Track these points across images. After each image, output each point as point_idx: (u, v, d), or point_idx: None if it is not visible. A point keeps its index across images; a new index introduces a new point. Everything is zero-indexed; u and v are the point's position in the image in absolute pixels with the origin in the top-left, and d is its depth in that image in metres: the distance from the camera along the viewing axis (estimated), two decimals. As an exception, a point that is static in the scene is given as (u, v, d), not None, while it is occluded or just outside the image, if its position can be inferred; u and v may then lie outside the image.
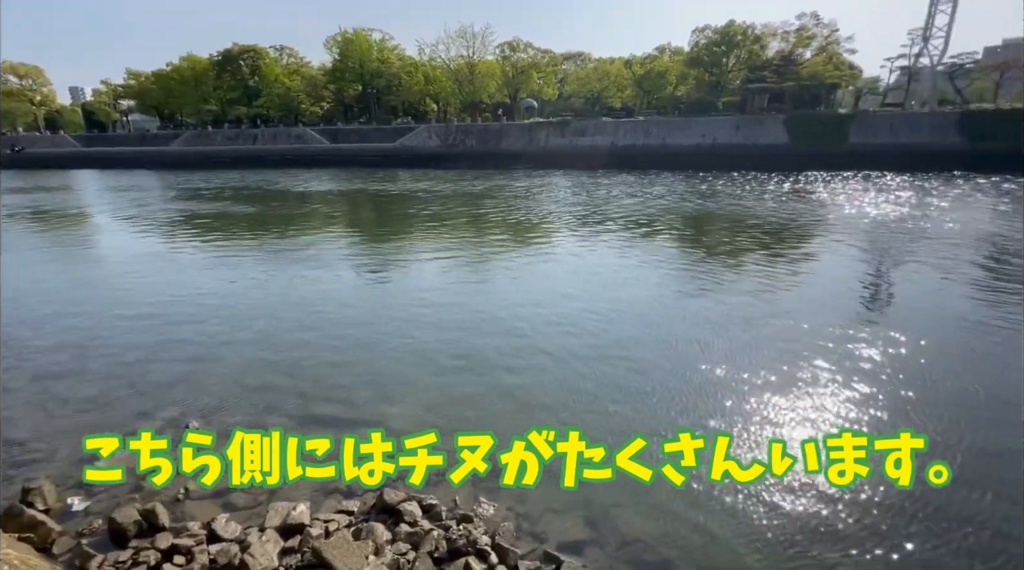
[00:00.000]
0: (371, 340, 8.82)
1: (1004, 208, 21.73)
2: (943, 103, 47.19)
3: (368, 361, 8.01)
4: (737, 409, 6.41)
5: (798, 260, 14.52)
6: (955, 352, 8.00)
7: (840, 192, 28.09)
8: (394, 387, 7.16)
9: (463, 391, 7.02)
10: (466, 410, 6.54)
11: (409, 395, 6.92)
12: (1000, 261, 13.61)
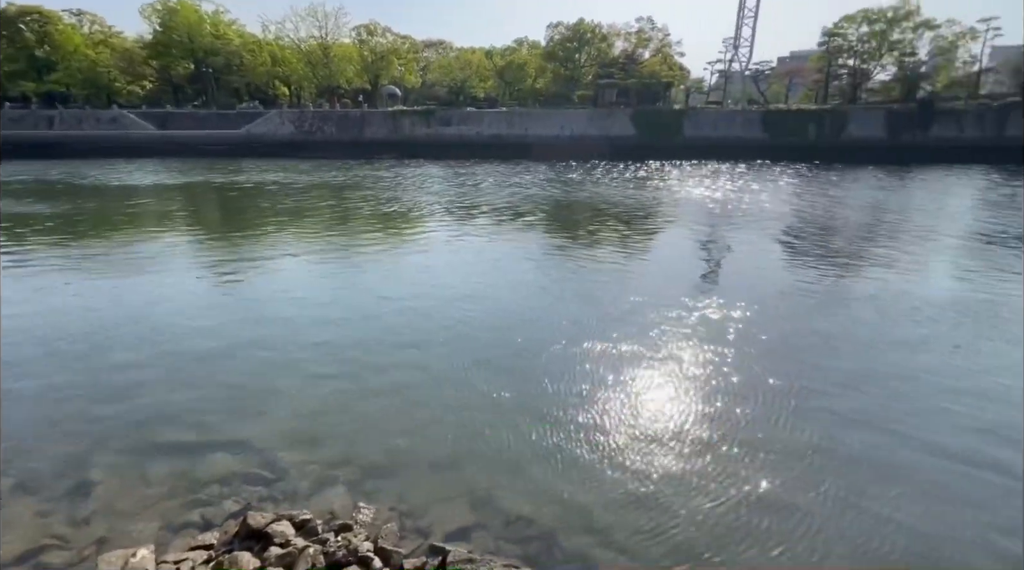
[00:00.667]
0: (226, 352, 7.86)
1: (798, 189, 26.59)
2: (751, 102, 55.88)
3: (223, 376, 7.14)
4: (619, 381, 6.98)
5: (650, 238, 16.26)
6: (780, 309, 9.61)
7: (679, 178, 31.91)
8: (254, 402, 6.48)
9: (334, 400, 6.60)
10: (340, 420, 6.18)
11: (273, 409, 6.32)
12: (799, 233, 16.65)
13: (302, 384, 6.88)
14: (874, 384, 6.87)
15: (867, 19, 52.77)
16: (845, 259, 13.73)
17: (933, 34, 51.62)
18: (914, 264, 13.09)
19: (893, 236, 16.19)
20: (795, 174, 33.87)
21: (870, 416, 6.13)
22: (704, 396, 6.54)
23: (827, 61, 56.14)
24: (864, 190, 26.83)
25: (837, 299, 10.51)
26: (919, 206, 22.13)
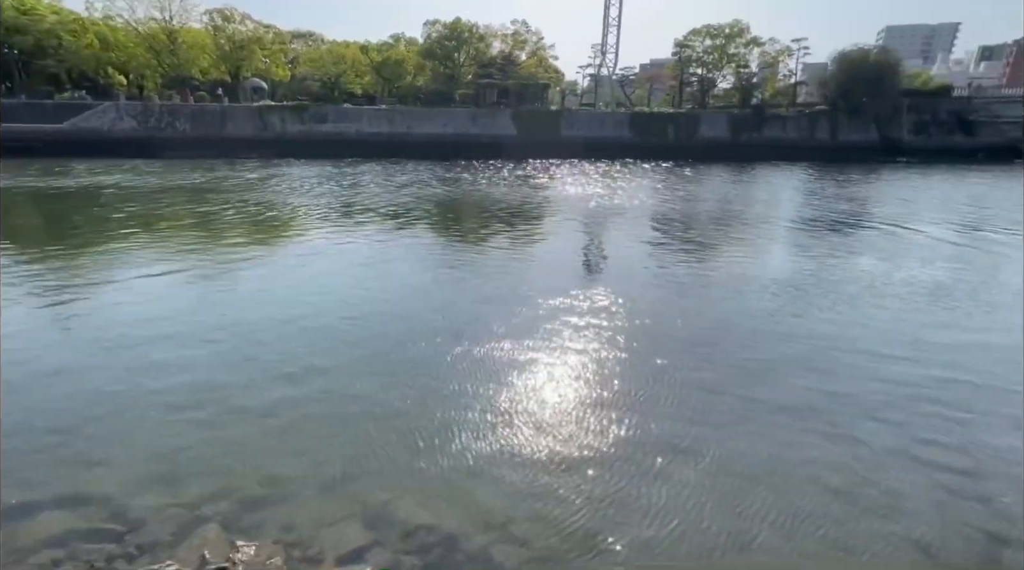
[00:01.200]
0: (65, 392, 6.62)
1: (662, 185, 29.37)
2: (619, 105, 60.45)
3: (54, 419, 6.00)
4: (516, 375, 7.08)
5: (537, 234, 16.85)
6: (655, 293, 10.48)
7: (559, 176, 33.49)
8: (96, 447, 5.55)
9: (200, 432, 5.87)
10: (208, 453, 5.52)
11: (121, 452, 5.45)
12: (665, 224, 18.38)
13: (159, 419, 6.02)
14: (735, 350, 7.84)
15: (709, 34, 59.81)
16: (704, 246, 15.49)
17: (760, 50, 60.08)
18: (759, 248, 15.19)
19: (741, 224, 18.61)
20: (659, 171, 37.40)
21: (736, 381, 6.97)
22: (595, 379, 6.94)
23: (680, 69, 62.61)
24: (715, 184, 30.49)
25: (701, 281, 11.80)
26: (758, 197, 25.70)
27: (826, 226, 18.53)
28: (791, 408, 6.40)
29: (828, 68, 56.24)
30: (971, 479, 5.13)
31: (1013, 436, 5.87)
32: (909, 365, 7.60)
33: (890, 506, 4.77)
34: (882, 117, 51.47)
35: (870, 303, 10.30)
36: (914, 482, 5.10)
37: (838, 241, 16.37)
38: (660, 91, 72.83)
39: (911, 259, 13.92)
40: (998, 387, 6.99)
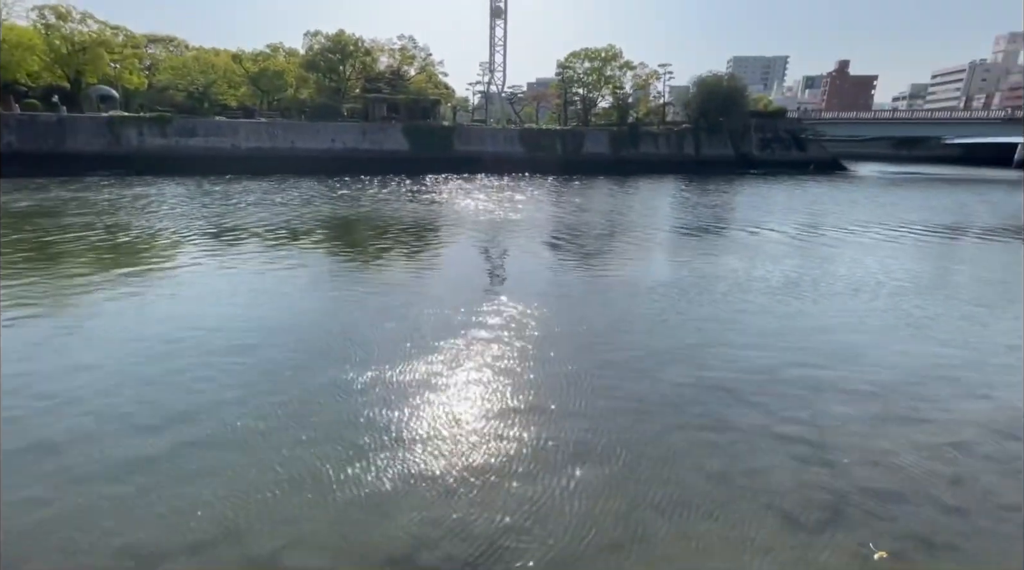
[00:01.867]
0: None
1: (552, 198, 30.74)
2: (509, 122, 62.46)
3: None
4: (429, 394, 6.84)
5: (436, 250, 16.69)
6: (556, 301, 10.81)
7: (454, 191, 33.62)
8: None
9: (34, 517, 4.95)
10: (39, 546, 4.65)
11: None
12: (559, 236, 19.20)
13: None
14: (631, 352, 8.35)
15: (588, 57, 64.21)
16: (596, 254, 16.45)
17: (632, 73, 65.79)
18: (644, 254, 16.47)
19: (627, 233, 20.06)
20: (549, 184, 39.14)
21: (633, 382, 7.41)
22: (505, 393, 6.99)
23: (563, 89, 66.37)
24: (601, 196, 32.60)
25: (596, 287, 12.51)
26: (639, 208, 27.91)
27: (697, 231, 20.67)
28: (677, 403, 6.97)
29: (690, 91, 63.24)
30: (818, 448, 5.96)
31: (849, 406, 6.93)
32: (770, 352, 8.68)
33: (758, 482, 5.37)
34: (735, 134, 58.88)
35: (739, 298, 11.63)
36: (775, 457, 5.80)
37: (708, 244, 18.35)
38: (547, 109, 76.53)
39: (766, 257, 16.00)
40: (837, 365, 8.23)
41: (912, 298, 11.99)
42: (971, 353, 8.90)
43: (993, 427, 6.50)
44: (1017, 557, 4.45)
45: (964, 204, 32.50)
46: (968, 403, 7.14)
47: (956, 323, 10.43)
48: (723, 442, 6.07)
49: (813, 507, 5.00)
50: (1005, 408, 7.00)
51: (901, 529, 4.72)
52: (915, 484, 5.36)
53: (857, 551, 4.47)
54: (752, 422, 6.50)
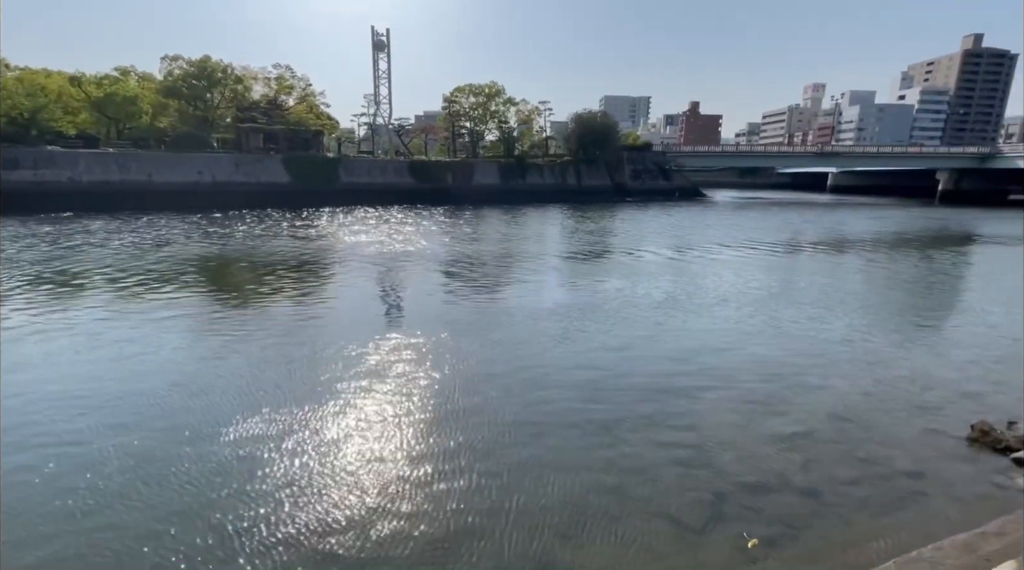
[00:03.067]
0: None
1: (446, 228, 30.82)
2: (398, 153, 62.06)
3: None
4: (335, 443, 6.20)
5: (327, 288, 15.67)
6: (458, 337, 10.61)
7: (342, 224, 32.29)
8: None
9: None
10: None
11: None
12: (454, 265, 19.16)
13: None
14: (532, 378, 8.44)
15: (472, 92, 66.51)
16: (493, 282, 16.64)
17: (516, 108, 69.33)
18: (539, 279, 17.00)
19: (521, 260, 20.64)
20: (441, 215, 39.28)
21: (535, 409, 7.46)
22: (414, 434, 6.63)
23: (451, 122, 67.79)
24: (493, 226, 33.40)
25: (496, 315, 12.57)
26: (529, 236, 29.00)
27: (585, 256, 21.96)
28: (575, 423, 7.16)
29: (569, 126, 68.07)
30: (698, 451, 6.47)
31: (721, 408, 7.65)
32: (654, 363, 9.35)
33: (649, 490, 5.66)
34: (611, 166, 64.28)
35: (626, 315, 12.45)
36: (663, 465, 6.17)
37: (596, 268, 19.54)
38: (435, 141, 77.39)
39: (646, 277, 17.41)
40: (710, 370, 9.09)
41: (768, 305, 13.78)
42: (815, 349, 10.39)
43: (833, 413, 7.57)
44: (858, 525, 5.15)
45: (793, 222, 38.51)
46: (813, 394, 8.26)
47: (803, 324, 12.14)
48: (616, 456, 6.33)
49: (698, 508, 5.37)
50: (842, 395, 8.21)
51: (768, 516, 5.24)
52: (776, 473, 6.02)
53: (736, 543, 4.86)
54: (642, 434, 6.89)
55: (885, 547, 4.77)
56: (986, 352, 10.46)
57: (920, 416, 7.55)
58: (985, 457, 6.43)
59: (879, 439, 6.85)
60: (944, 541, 4.77)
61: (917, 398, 8.16)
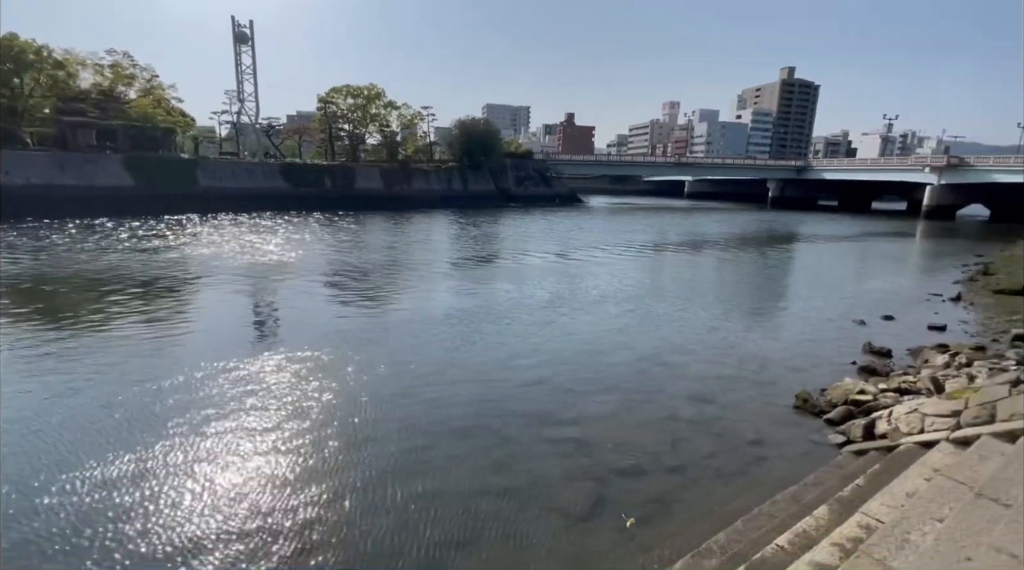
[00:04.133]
0: None
1: (328, 236, 29.09)
2: (268, 155, 57.25)
3: None
4: (208, 478, 5.38)
5: (190, 306, 13.82)
6: (344, 351, 9.97)
7: (204, 233, 28.89)
8: None
9: None
10: None
11: None
12: (338, 274, 18.13)
13: None
14: (425, 391, 8.27)
15: (350, 93, 63.67)
16: (382, 291, 16.05)
17: (398, 113, 67.79)
18: (429, 287, 16.74)
19: (409, 268, 20.19)
20: (321, 221, 37.03)
21: (432, 421, 7.32)
22: (302, 465, 6.09)
23: (327, 124, 64.19)
24: (378, 232, 32.30)
25: (386, 326, 12.10)
26: (417, 242, 28.55)
27: (474, 261, 22.17)
28: (465, 429, 7.21)
29: (453, 132, 68.31)
30: (581, 444, 6.90)
31: (601, 400, 8.24)
32: (541, 363, 9.75)
33: (537, 488, 5.91)
34: (496, 172, 65.75)
35: (515, 318, 12.80)
36: (549, 460, 6.48)
37: (485, 272, 19.82)
38: (310, 143, 72.74)
39: (533, 279, 18.09)
40: (592, 364, 9.73)
41: (641, 301, 15.11)
42: (679, 339, 11.61)
43: (694, 395, 8.55)
44: (715, 492, 5.89)
45: (658, 225, 42.74)
46: (678, 380, 9.25)
47: (670, 317, 13.50)
48: (506, 457, 6.51)
49: (582, 497, 5.72)
50: (700, 378, 9.30)
51: (643, 496, 5.77)
52: (650, 455, 6.64)
53: (617, 525, 5.28)
54: (529, 432, 7.16)
55: (736, 508, 5.50)
56: (807, 332, 12.57)
57: (759, 391, 8.84)
58: (806, 420, 7.73)
59: (729, 414, 7.90)
60: (778, 495, 5.64)
61: (756, 376, 9.54)
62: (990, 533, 3.60)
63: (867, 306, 15.13)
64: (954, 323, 13.35)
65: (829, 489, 5.55)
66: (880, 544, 3.85)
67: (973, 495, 4.20)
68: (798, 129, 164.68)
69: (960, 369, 9.17)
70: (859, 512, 4.59)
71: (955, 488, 4.56)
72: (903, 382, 8.50)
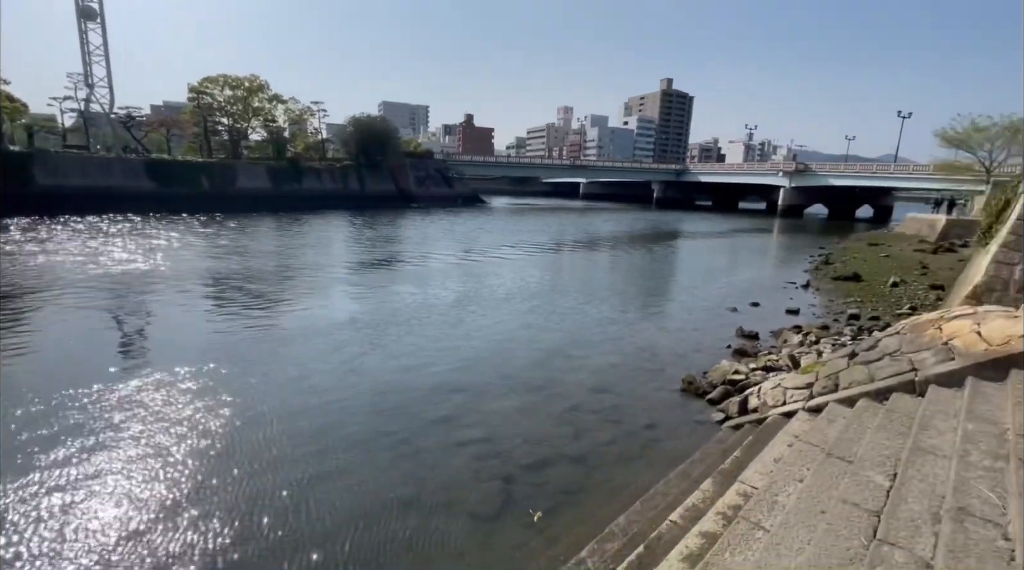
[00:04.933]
0: None
1: (206, 241, 26.22)
2: (128, 150, 50.22)
3: None
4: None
5: (14, 329, 11.51)
6: (231, 366, 8.91)
7: (45, 239, 24.54)
8: None
9: None
10: None
11: None
12: (222, 283, 16.34)
13: None
14: (323, 391, 7.69)
15: (228, 84, 58.05)
16: (271, 300, 14.73)
17: (285, 107, 63.09)
18: (326, 294, 15.70)
19: (303, 274, 18.81)
20: (198, 225, 33.33)
21: (330, 439, 6.81)
22: (186, 470, 5.29)
23: (202, 117, 57.94)
24: (265, 236, 29.81)
25: (276, 338, 11.08)
26: (311, 246, 26.76)
27: (375, 264, 21.29)
28: (366, 440, 6.86)
29: (347, 129, 65.11)
30: (489, 443, 6.90)
31: (507, 398, 8.31)
32: (448, 365, 9.60)
33: (446, 493, 5.80)
34: (395, 172, 63.89)
35: (420, 321, 12.47)
36: (458, 464, 6.40)
37: (386, 276, 19.11)
38: (182, 138, 65.21)
39: (438, 280, 17.81)
40: (499, 364, 9.78)
41: (544, 297, 15.54)
42: (579, 333, 12.11)
43: (593, 386, 8.95)
44: (616, 477, 6.20)
45: (556, 225, 44.43)
46: (579, 372, 9.63)
47: (570, 312, 14.02)
48: (413, 466, 6.31)
49: (491, 497, 5.72)
50: (599, 370, 9.76)
51: (550, 489, 5.91)
52: (555, 447, 6.83)
53: (525, 521, 5.34)
54: (437, 437, 7.01)
55: (634, 490, 5.84)
56: (690, 320, 13.79)
57: (651, 377, 9.51)
58: (692, 402, 8.46)
59: (626, 402, 8.39)
60: (670, 474, 6.09)
61: (648, 364, 10.26)
62: (837, 487, 4.18)
63: (738, 294, 16.98)
64: (805, 307, 15.45)
65: (713, 463, 6.10)
66: (755, 508, 4.29)
67: (824, 455, 4.85)
68: (677, 136, 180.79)
69: (811, 346, 10.63)
70: (738, 481, 5.09)
71: (811, 451, 5.24)
72: (768, 361, 9.64)
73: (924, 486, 3.85)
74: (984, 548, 2.99)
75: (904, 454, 4.42)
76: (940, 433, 4.68)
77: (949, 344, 6.34)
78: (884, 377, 6.33)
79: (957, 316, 7.16)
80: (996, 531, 3.14)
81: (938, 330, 6.90)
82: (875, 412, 5.70)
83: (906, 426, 5.08)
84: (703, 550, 4.01)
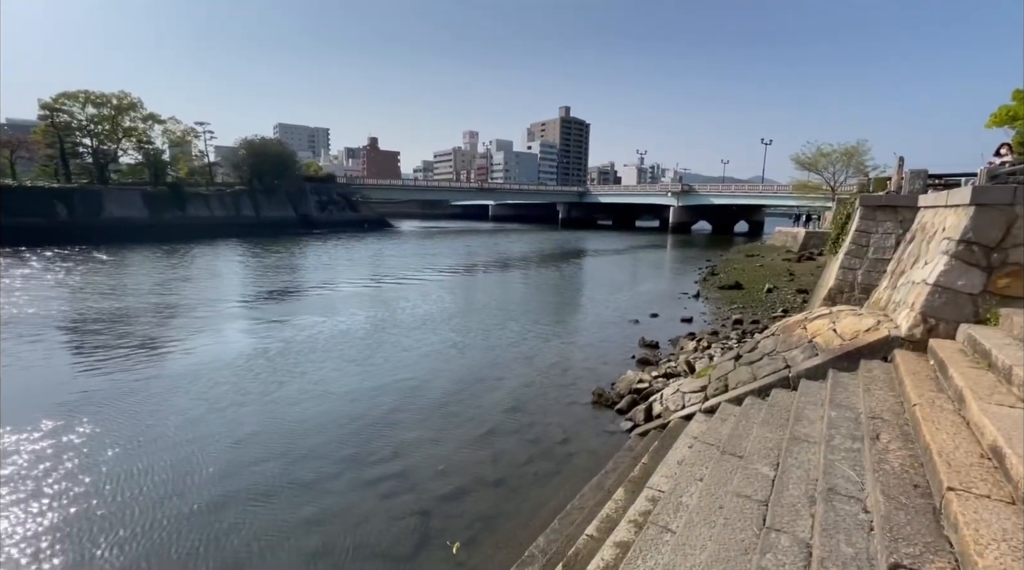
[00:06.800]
0: None
1: (64, 278, 22.75)
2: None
3: None
4: None
5: None
6: (99, 420, 7.59)
7: None
8: None
9: None
10: None
11: None
12: (90, 326, 14.14)
13: None
14: (229, 434, 6.84)
15: (91, 101, 51.72)
16: (151, 341, 13.01)
17: (163, 127, 57.42)
18: (218, 330, 14.20)
19: (187, 311, 16.91)
20: (54, 261, 28.94)
21: (213, 480, 6.04)
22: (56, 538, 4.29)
23: (58, 137, 50.93)
24: (143, 269, 26.60)
25: (158, 381, 9.75)
26: (197, 279, 24.30)
27: (273, 296, 19.76)
28: (266, 492, 6.25)
29: (239, 152, 60.74)
30: (402, 479, 6.60)
31: (420, 429, 8.04)
32: (358, 398, 9.08)
33: (356, 535, 5.42)
34: (294, 197, 60.56)
35: (327, 354, 11.70)
36: (370, 505, 6.03)
37: (290, 306, 17.79)
38: (30, 161, 56.72)
39: (346, 309, 16.93)
40: (410, 393, 9.44)
41: (457, 321, 15.37)
42: (493, 354, 12.10)
43: (508, 407, 8.96)
44: (534, 497, 6.20)
45: (467, 247, 44.65)
46: (493, 394, 9.60)
47: (483, 334, 13.98)
48: (319, 512, 5.83)
49: (406, 535, 5.44)
50: (513, 390, 9.80)
51: (468, 517, 5.76)
52: (471, 474, 6.69)
53: (443, 555, 5.13)
54: (346, 478, 6.57)
55: (553, 508, 5.87)
56: (597, 333, 14.40)
57: (563, 392, 9.74)
58: (602, 413, 8.77)
59: (540, 419, 8.49)
60: (585, 487, 6.22)
61: (560, 379, 10.52)
62: (732, 482, 4.51)
63: (639, 306, 18.10)
64: (697, 315, 16.83)
65: (624, 472, 6.33)
66: (663, 512, 4.50)
67: (720, 453, 5.24)
68: (577, 159, 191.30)
69: (704, 351, 11.55)
70: (646, 487, 5.32)
71: (708, 450, 5.63)
72: (668, 368, 10.31)
73: (801, 472, 4.28)
74: (850, 522, 3.37)
75: (784, 445, 4.90)
76: (811, 422, 5.26)
77: (813, 341, 7.21)
78: (764, 375, 7.03)
79: (818, 316, 8.19)
80: (858, 506, 3.56)
81: (804, 329, 7.83)
82: (760, 408, 6.29)
83: (784, 419, 5.65)
84: (617, 560, 4.10)
